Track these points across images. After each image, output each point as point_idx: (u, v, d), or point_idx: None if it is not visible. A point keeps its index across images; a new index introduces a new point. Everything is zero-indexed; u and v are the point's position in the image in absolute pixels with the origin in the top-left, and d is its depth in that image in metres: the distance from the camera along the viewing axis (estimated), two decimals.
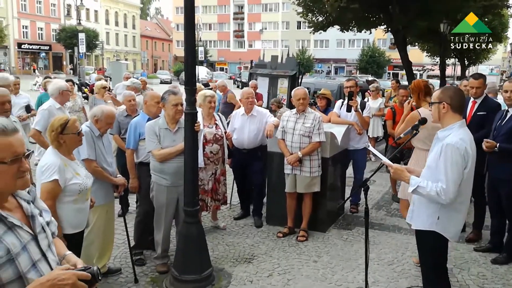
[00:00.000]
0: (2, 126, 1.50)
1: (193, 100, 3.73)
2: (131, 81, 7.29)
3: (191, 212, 3.72)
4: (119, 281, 3.86)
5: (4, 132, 1.50)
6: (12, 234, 1.50)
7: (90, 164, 3.48)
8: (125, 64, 26.85)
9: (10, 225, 1.50)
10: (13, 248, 1.47)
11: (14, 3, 46.38)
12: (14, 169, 1.52)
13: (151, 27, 75.18)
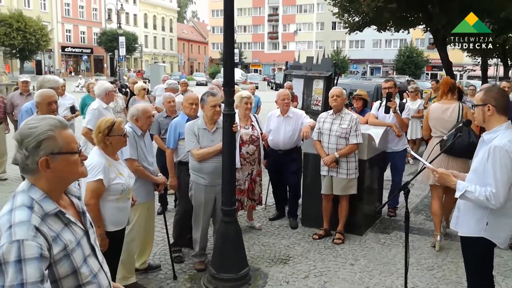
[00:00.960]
0: (62, 122, 1.60)
1: (231, 101, 3.79)
2: (167, 83, 7.47)
3: (229, 211, 3.77)
4: (159, 277, 3.97)
5: (66, 127, 1.60)
6: (68, 230, 1.56)
7: (132, 163, 3.59)
8: (163, 67, 27.55)
9: (66, 221, 1.57)
10: (69, 244, 1.53)
11: (59, 8, 48.62)
12: (79, 158, 1.63)
13: (188, 30, 76.62)
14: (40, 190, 1.52)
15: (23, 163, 1.52)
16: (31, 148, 1.50)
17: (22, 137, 1.51)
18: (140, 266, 3.92)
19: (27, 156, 1.50)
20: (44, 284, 1.39)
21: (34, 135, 1.50)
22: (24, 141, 1.50)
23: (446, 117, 4.76)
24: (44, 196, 1.52)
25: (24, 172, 1.54)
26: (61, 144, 1.54)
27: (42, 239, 1.43)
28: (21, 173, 1.58)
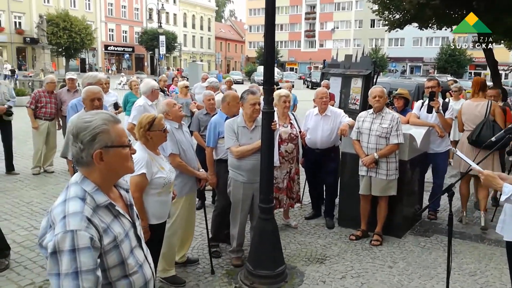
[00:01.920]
0: (114, 117, 1.67)
1: (270, 100, 3.81)
2: (209, 81, 7.58)
3: (266, 208, 3.80)
4: (197, 271, 4.05)
5: (118, 121, 1.67)
6: (118, 222, 1.62)
7: (174, 158, 3.69)
8: (201, 65, 27.96)
9: (116, 213, 1.63)
10: (118, 236, 1.58)
11: (102, 8, 50.40)
12: (129, 152, 1.69)
13: (225, 29, 77.34)
14: (92, 183, 1.58)
15: (78, 156, 1.58)
16: (87, 141, 1.55)
17: (78, 130, 1.56)
18: (179, 259, 4.02)
19: (82, 149, 1.55)
20: (97, 272, 1.46)
21: (89, 128, 1.56)
22: (80, 135, 1.55)
23: (476, 112, 5.29)
24: (96, 189, 1.58)
25: (78, 165, 1.60)
26: (114, 138, 1.60)
27: (94, 230, 1.48)
28: (75, 166, 1.64)
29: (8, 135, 7.10)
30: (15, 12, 41.99)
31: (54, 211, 1.50)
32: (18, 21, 42.57)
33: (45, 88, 7.26)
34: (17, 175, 7.15)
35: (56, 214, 1.48)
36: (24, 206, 5.68)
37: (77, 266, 1.40)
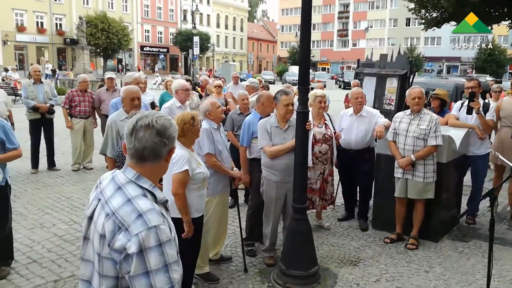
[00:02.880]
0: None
1: (305, 100, 3.80)
2: (249, 81, 7.63)
3: (300, 209, 3.79)
4: (230, 269, 4.09)
5: None
6: (169, 216, 1.62)
7: (210, 158, 3.74)
8: (233, 65, 28.18)
9: (167, 209, 1.64)
10: (172, 230, 1.54)
11: (138, 9, 51.71)
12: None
13: (257, 29, 77.59)
14: (148, 180, 1.55)
15: (158, 151, 1.54)
16: (172, 137, 1.58)
17: (163, 127, 1.55)
18: (213, 256, 4.08)
19: (167, 144, 1.56)
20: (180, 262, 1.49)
21: (174, 126, 1.60)
22: (167, 131, 1.56)
23: None
24: (153, 186, 1.56)
25: (146, 159, 1.54)
26: None
27: (167, 223, 1.50)
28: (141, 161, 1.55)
29: (50, 133, 7.42)
30: (56, 14, 43.75)
31: (121, 212, 1.44)
32: (59, 22, 44.33)
33: (78, 87, 7.51)
34: (58, 171, 7.46)
35: (125, 215, 1.43)
36: (65, 201, 5.92)
37: (165, 260, 1.40)
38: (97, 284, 1.53)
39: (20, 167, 7.59)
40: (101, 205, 1.54)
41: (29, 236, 4.73)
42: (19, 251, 4.34)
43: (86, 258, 1.61)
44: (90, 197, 1.66)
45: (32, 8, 41.68)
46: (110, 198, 1.52)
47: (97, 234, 1.50)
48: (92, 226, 1.56)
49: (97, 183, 1.68)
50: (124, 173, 1.57)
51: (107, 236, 1.45)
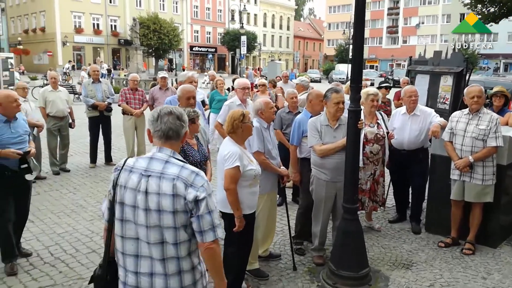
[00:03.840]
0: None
1: (358, 98, 3.75)
2: (299, 79, 7.62)
3: (350, 209, 3.74)
4: (279, 266, 4.12)
5: None
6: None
7: (259, 156, 3.78)
8: (279, 64, 28.18)
9: None
10: None
11: (188, 10, 53.02)
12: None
13: (304, 28, 77.07)
14: (178, 155, 2.05)
15: (179, 131, 2.04)
16: (186, 122, 2.09)
17: (180, 113, 2.06)
18: (262, 253, 4.12)
19: (184, 126, 2.06)
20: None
21: (185, 114, 2.11)
22: (183, 116, 2.07)
23: None
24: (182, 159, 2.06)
25: (171, 138, 2.02)
26: None
27: None
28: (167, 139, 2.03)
29: (107, 129, 7.79)
30: (111, 16, 45.84)
31: (183, 174, 1.93)
32: (114, 24, 46.41)
33: (129, 86, 7.81)
34: (115, 166, 7.81)
35: (187, 176, 1.93)
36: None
37: (214, 204, 2.00)
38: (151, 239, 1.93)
39: (80, 161, 8.06)
40: (155, 177, 1.92)
41: (88, 227, 5.01)
42: (79, 241, 4.61)
43: (128, 236, 1.98)
44: (124, 182, 1.99)
45: (89, 11, 43.94)
46: (165, 169, 1.94)
47: (156, 198, 1.90)
48: (141, 199, 1.92)
49: (118, 168, 2.07)
50: (162, 152, 2.00)
51: (180, 193, 1.90)
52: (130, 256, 1.98)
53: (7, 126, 3.80)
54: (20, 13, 48.13)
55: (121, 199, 1.99)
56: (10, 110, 3.83)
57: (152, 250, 1.93)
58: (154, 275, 1.95)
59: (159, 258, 1.93)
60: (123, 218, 1.98)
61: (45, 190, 6.37)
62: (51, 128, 7.12)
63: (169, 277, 1.94)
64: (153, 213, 1.90)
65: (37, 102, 7.29)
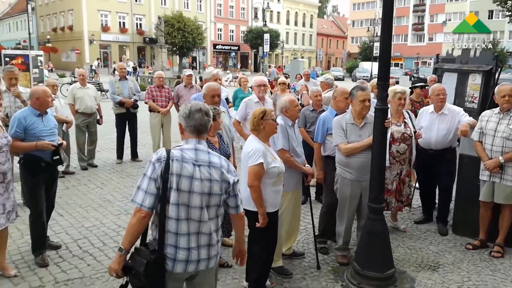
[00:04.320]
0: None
1: (385, 96, 3.70)
2: (324, 77, 7.57)
3: (376, 208, 3.70)
4: (303, 265, 4.11)
5: None
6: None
7: (284, 153, 3.77)
8: (302, 62, 27.99)
9: None
10: None
11: (212, 9, 53.34)
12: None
13: (327, 25, 76.42)
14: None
15: (207, 125, 2.38)
16: (211, 117, 2.43)
17: (208, 110, 2.41)
18: (286, 251, 4.12)
19: (210, 121, 2.40)
20: None
21: (210, 110, 2.46)
22: (209, 112, 2.41)
23: None
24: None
25: (202, 132, 2.37)
26: None
27: None
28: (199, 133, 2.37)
29: (134, 126, 7.93)
30: (136, 15, 46.58)
31: (223, 163, 2.37)
32: (139, 22, 47.16)
33: (155, 84, 7.91)
34: (140, 162, 7.96)
35: (225, 164, 2.38)
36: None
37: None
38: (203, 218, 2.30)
39: (107, 157, 8.23)
40: (206, 166, 2.30)
41: (115, 222, 5.12)
42: (106, 235, 4.72)
43: (183, 217, 2.25)
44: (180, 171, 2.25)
45: (115, 9, 44.79)
46: (210, 159, 2.34)
47: (208, 184, 2.28)
48: (198, 185, 2.26)
49: (163, 158, 2.26)
50: (201, 144, 2.37)
51: (225, 179, 2.34)
52: (183, 235, 2.25)
53: (40, 119, 3.96)
54: (49, 11, 49.52)
55: (177, 186, 2.23)
56: (45, 105, 4.02)
57: (202, 227, 2.29)
58: (200, 247, 2.29)
59: (207, 232, 2.31)
60: (178, 203, 2.23)
61: (73, 184, 6.54)
62: (79, 124, 7.30)
63: (210, 247, 2.34)
64: (206, 196, 2.28)
65: (66, 99, 7.49)
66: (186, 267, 2.27)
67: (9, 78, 5.50)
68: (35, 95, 3.96)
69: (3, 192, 3.65)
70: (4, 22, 61.15)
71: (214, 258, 2.38)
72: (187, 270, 2.28)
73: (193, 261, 2.28)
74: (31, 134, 3.87)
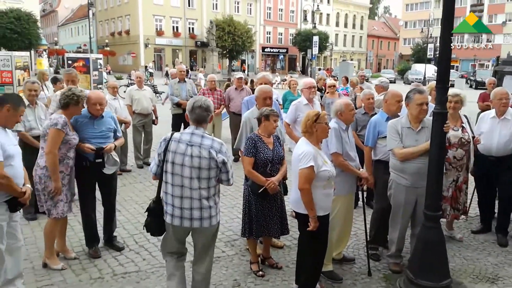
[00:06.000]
0: None
1: (444, 100, 3.57)
2: (380, 80, 7.43)
3: (433, 216, 3.58)
4: (353, 270, 4.06)
5: None
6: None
7: (337, 157, 3.75)
8: (352, 64, 27.53)
9: None
10: None
11: (262, 12, 53.77)
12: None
13: (378, 26, 74.57)
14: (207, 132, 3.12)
15: (206, 118, 3.09)
16: (211, 111, 3.17)
17: (208, 106, 3.11)
18: (336, 256, 4.08)
19: (209, 115, 3.12)
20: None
21: (212, 105, 3.20)
22: (209, 107, 3.13)
23: None
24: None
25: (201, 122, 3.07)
26: None
27: None
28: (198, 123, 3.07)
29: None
30: (189, 19, 47.93)
31: (214, 145, 3.00)
32: (191, 27, 48.50)
33: (207, 86, 8.11)
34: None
35: (217, 146, 3.01)
36: None
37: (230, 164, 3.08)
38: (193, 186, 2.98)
39: None
40: (197, 146, 2.96)
41: None
42: None
43: (176, 184, 2.99)
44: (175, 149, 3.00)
45: (169, 14, 46.35)
46: (202, 142, 2.98)
47: (197, 160, 2.95)
48: (188, 160, 2.95)
49: (167, 139, 3.05)
50: (198, 130, 3.03)
51: (213, 157, 2.96)
52: (177, 197, 3.00)
53: (91, 122, 4.16)
54: (108, 17, 52.14)
55: (172, 159, 2.98)
56: (93, 112, 4.14)
57: (193, 193, 2.97)
58: (193, 209, 2.99)
59: (197, 197, 2.98)
60: (173, 172, 2.99)
61: (130, 182, 6.86)
62: (136, 125, 7.64)
63: (202, 209, 3.00)
64: (195, 169, 2.95)
65: (124, 100, 7.86)
66: (181, 222, 3.02)
67: (67, 80, 5.88)
68: (88, 100, 4.12)
69: (67, 183, 4.00)
70: (66, 27, 65.11)
71: (207, 219, 3.03)
72: (183, 224, 3.02)
73: (186, 218, 3.00)
74: (80, 135, 4.08)
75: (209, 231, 3.11)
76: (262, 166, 3.73)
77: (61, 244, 4.19)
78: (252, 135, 3.84)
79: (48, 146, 3.81)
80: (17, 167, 3.25)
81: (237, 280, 3.84)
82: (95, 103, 4.10)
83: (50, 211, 3.92)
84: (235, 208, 5.72)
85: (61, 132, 3.82)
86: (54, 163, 3.80)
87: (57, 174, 3.83)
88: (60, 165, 3.88)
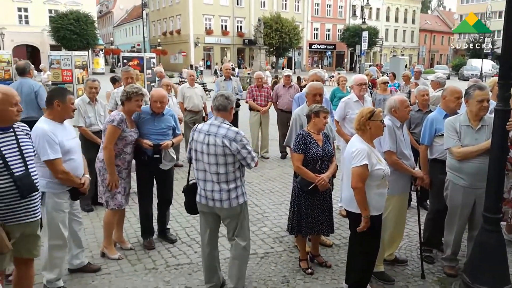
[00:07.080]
0: None
1: (507, 96, 3.37)
2: (435, 76, 7.15)
3: (492, 219, 3.40)
4: (405, 272, 3.95)
5: None
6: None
7: (390, 156, 3.65)
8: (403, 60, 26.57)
9: None
10: None
11: (309, 8, 53.28)
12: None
13: (431, 20, 71.49)
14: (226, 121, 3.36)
15: (227, 106, 3.34)
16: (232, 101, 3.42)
17: (229, 95, 3.41)
18: (387, 257, 3.99)
19: (229, 103, 3.36)
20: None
21: (233, 96, 3.48)
22: (230, 97, 3.40)
23: None
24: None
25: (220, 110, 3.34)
26: None
27: None
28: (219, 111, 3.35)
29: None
30: (237, 17, 48.47)
31: (229, 134, 3.23)
32: (239, 25, 49.03)
33: (255, 84, 8.17)
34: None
35: (231, 134, 3.23)
36: (246, 186, 6.53)
37: (247, 150, 3.29)
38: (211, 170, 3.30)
39: None
40: (213, 135, 3.24)
41: None
42: None
43: (199, 169, 3.36)
44: (196, 138, 3.36)
45: (218, 13, 47.16)
46: (218, 131, 3.25)
47: (213, 148, 3.23)
48: (205, 148, 3.26)
49: (193, 130, 3.45)
50: (217, 120, 3.32)
51: (228, 145, 3.20)
52: (201, 180, 3.38)
53: (152, 119, 4.32)
54: (159, 17, 53.86)
55: (195, 147, 3.36)
56: (155, 110, 4.30)
57: (213, 177, 3.30)
58: (214, 191, 3.32)
59: (216, 181, 3.29)
60: (197, 159, 3.37)
61: (182, 176, 7.07)
62: (187, 121, 7.85)
63: (221, 192, 3.30)
64: (212, 156, 3.24)
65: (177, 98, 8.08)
66: (206, 202, 3.37)
67: (125, 77, 6.14)
68: (150, 97, 4.33)
69: (125, 177, 4.21)
70: (121, 28, 67.95)
71: (227, 201, 3.30)
72: (208, 204, 3.37)
73: (209, 199, 3.34)
74: (140, 130, 4.27)
75: (232, 211, 3.35)
76: (311, 163, 3.72)
77: (118, 235, 4.42)
78: (302, 131, 3.83)
79: (105, 141, 4.03)
80: (76, 159, 3.49)
81: (286, 276, 3.86)
82: (156, 101, 4.26)
83: (108, 203, 4.14)
84: (283, 205, 5.74)
85: (117, 129, 4.01)
86: (109, 157, 4.01)
87: (112, 167, 4.03)
88: (116, 160, 4.09)
